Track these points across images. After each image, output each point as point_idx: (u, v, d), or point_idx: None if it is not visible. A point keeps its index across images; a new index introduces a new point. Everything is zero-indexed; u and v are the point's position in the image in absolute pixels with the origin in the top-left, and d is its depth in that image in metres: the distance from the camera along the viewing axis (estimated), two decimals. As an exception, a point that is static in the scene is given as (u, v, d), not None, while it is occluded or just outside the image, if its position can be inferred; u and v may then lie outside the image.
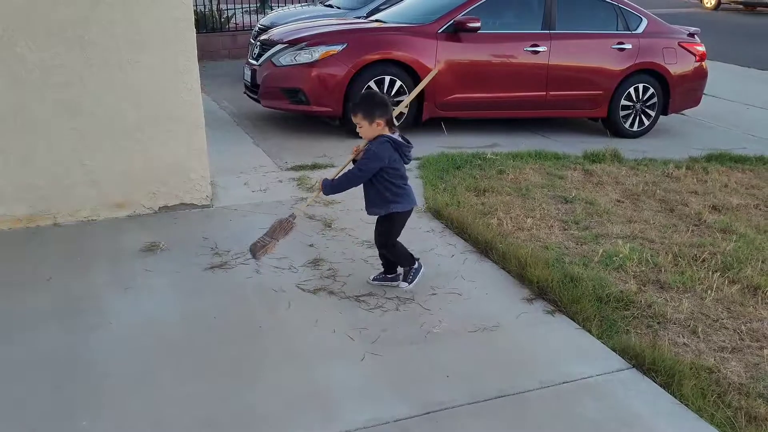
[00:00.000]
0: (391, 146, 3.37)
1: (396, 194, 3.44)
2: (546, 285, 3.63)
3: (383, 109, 3.37)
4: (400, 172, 3.44)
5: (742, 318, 3.52)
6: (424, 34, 6.77)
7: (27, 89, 4.14)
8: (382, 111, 3.36)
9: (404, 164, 3.47)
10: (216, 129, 6.52)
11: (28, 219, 4.34)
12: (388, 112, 3.38)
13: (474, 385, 2.87)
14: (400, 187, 3.45)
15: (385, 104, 3.40)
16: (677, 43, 7.55)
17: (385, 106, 3.39)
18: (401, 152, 3.40)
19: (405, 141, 3.44)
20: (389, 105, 3.43)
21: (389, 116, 3.39)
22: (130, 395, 2.76)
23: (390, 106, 3.43)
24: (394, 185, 3.43)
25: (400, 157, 3.41)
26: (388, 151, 3.36)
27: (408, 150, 3.43)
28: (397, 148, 3.38)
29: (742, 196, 5.45)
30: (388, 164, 3.37)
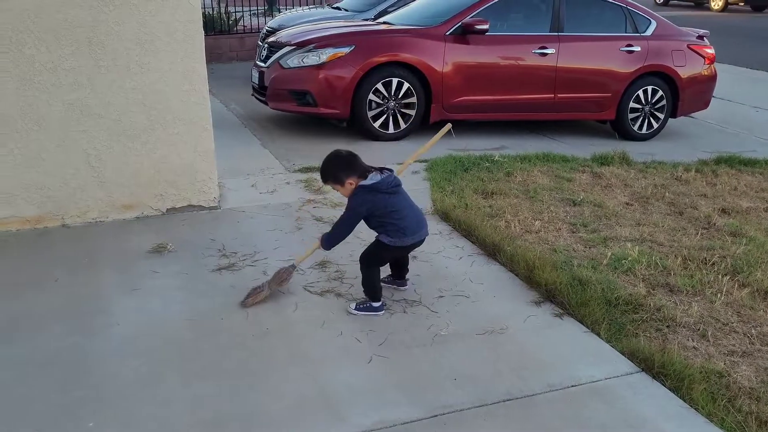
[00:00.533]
0: (367, 193, 3.22)
1: (386, 229, 3.30)
2: (554, 288, 3.61)
3: (349, 168, 3.23)
4: (387, 210, 3.25)
5: (752, 322, 3.49)
6: (432, 36, 6.76)
7: (35, 90, 4.15)
8: (349, 170, 3.23)
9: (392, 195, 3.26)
10: (224, 131, 6.53)
11: (36, 220, 4.35)
12: (355, 169, 3.23)
13: (481, 388, 2.85)
14: (390, 224, 3.28)
15: (348, 163, 3.24)
16: (686, 46, 7.52)
17: (349, 166, 3.23)
18: (378, 191, 3.22)
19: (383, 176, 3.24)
20: (355, 160, 3.25)
21: (360, 171, 3.23)
22: (136, 396, 2.76)
23: (355, 160, 3.25)
24: (385, 224, 3.29)
25: (383, 195, 3.23)
26: (366, 201, 3.22)
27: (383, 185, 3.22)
28: (373, 189, 3.22)
29: (752, 199, 5.42)
30: (370, 213, 3.26)
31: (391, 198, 3.27)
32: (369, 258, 3.42)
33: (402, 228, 3.30)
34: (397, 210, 3.28)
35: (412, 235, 3.34)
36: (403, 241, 3.33)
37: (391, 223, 3.29)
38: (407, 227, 3.31)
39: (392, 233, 3.31)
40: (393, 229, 3.30)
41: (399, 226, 3.29)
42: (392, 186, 3.27)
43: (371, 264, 3.41)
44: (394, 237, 3.32)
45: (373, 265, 3.42)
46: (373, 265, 3.42)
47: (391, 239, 3.32)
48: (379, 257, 3.43)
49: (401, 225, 3.29)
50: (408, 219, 3.31)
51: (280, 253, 4.04)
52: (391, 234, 3.32)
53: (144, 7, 4.21)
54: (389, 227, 3.30)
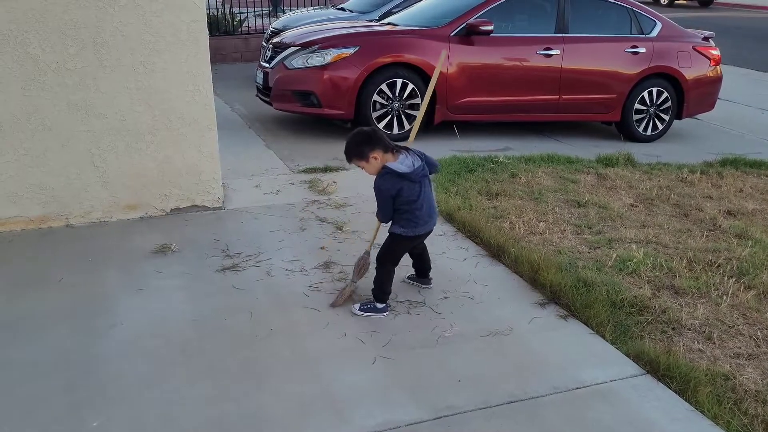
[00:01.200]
0: (394, 176, 3.21)
1: (401, 218, 3.31)
2: (559, 289, 3.60)
3: (372, 142, 3.21)
4: (406, 198, 3.25)
5: (758, 324, 3.47)
6: (437, 37, 6.75)
7: (40, 90, 4.15)
8: (372, 145, 3.20)
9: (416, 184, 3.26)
10: (228, 131, 6.54)
11: (40, 220, 4.35)
12: (379, 143, 3.21)
13: (486, 390, 2.84)
14: (407, 212, 3.28)
15: (370, 138, 3.23)
16: (692, 47, 7.49)
17: (370, 140, 3.22)
18: (407, 179, 3.22)
19: (413, 160, 3.25)
20: (376, 135, 3.24)
21: (383, 145, 3.21)
22: (141, 396, 2.76)
23: (377, 134, 3.24)
24: (400, 210, 3.30)
25: (410, 183, 3.24)
26: (391, 183, 3.21)
27: (413, 175, 3.22)
28: (403, 176, 3.22)
29: (758, 201, 5.40)
30: (396, 194, 3.25)
31: (416, 187, 3.27)
32: (385, 256, 3.42)
33: (416, 218, 3.31)
34: (417, 200, 3.28)
35: (423, 225, 3.36)
36: (415, 231, 3.34)
37: (408, 211, 3.30)
38: (420, 217, 3.32)
39: (405, 223, 3.33)
40: (407, 218, 3.31)
41: (414, 215, 3.30)
42: (421, 176, 3.28)
43: (387, 261, 3.42)
44: (406, 227, 3.33)
45: (389, 263, 3.42)
46: (389, 262, 3.42)
47: (404, 229, 3.34)
48: (396, 252, 3.44)
49: (417, 215, 3.30)
50: (423, 209, 3.32)
51: (284, 254, 4.03)
52: (404, 224, 3.33)
53: (149, 8, 4.21)
54: (404, 215, 3.31)
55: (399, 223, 3.35)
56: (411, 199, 3.27)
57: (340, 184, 5.24)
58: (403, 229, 3.34)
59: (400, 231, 3.35)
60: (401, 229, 3.35)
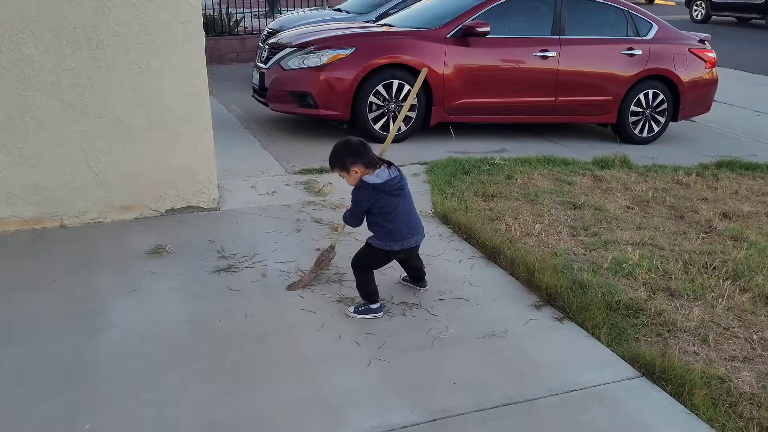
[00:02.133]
0: (369, 189, 3.21)
1: (376, 229, 3.31)
2: (554, 291, 3.59)
3: (355, 155, 3.21)
4: (386, 209, 3.24)
5: (753, 327, 3.47)
6: (433, 39, 6.75)
7: (35, 90, 4.13)
8: (355, 157, 3.20)
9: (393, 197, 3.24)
10: (224, 132, 6.52)
11: (34, 220, 4.33)
12: (361, 158, 3.20)
13: (481, 392, 2.84)
14: (383, 226, 3.27)
15: (355, 150, 3.22)
16: (688, 50, 7.50)
17: (356, 153, 3.21)
18: (381, 191, 3.21)
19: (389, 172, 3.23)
20: (362, 149, 3.23)
21: (365, 160, 3.20)
22: (134, 398, 2.74)
23: (364, 148, 3.23)
24: (377, 224, 3.29)
25: (385, 195, 3.22)
26: (367, 196, 3.22)
27: (387, 186, 3.20)
28: (377, 188, 3.20)
29: (753, 204, 5.40)
30: (371, 207, 3.24)
31: (391, 199, 3.24)
32: (358, 261, 3.42)
33: (389, 231, 3.28)
34: (390, 212, 3.25)
35: (400, 241, 3.30)
36: (391, 245, 3.30)
37: (381, 224, 3.28)
38: (395, 231, 3.28)
39: (380, 235, 3.31)
40: (381, 231, 3.29)
41: (387, 229, 3.27)
42: (396, 188, 3.25)
43: (361, 267, 3.40)
44: (381, 240, 3.31)
45: (363, 269, 3.40)
46: (363, 268, 3.40)
47: (378, 242, 3.32)
48: (368, 261, 3.40)
49: (389, 228, 3.27)
50: (399, 223, 3.28)
51: (279, 255, 4.02)
52: (379, 236, 3.31)
53: (144, 8, 4.20)
54: (378, 228, 3.30)
55: (375, 234, 3.34)
56: (385, 211, 3.25)
57: (335, 186, 5.23)
58: (378, 242, 3.32)
59: (375, 243, 3.33)
60: (376, 241, 3.33)
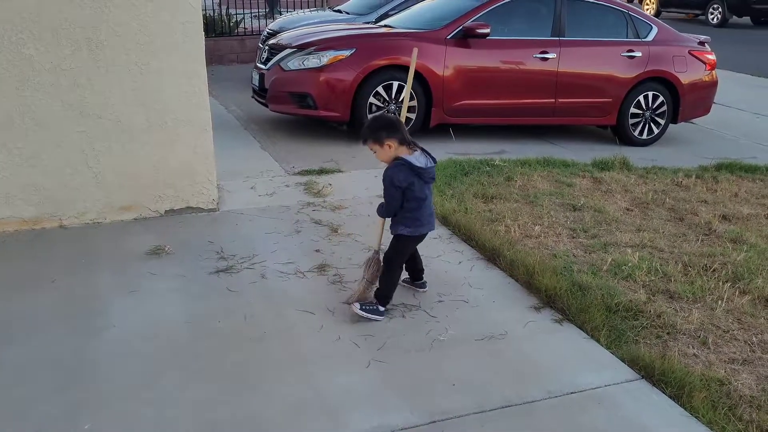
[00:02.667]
0: (408, 169, 3.21)
1: (405, 216, 3.32)
2: (554, 293, 3.59)
3: (390, 129, 3.21)
4: (416, 195, 3.26)
5: (753, 329, 3.47)
6: (433, 40, 6.74)
7: (34, 90, 4.13)
8: (390, 131, 3.20)
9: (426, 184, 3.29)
10: (223, 133, 6.51)
11: (34, 221, 4.33)
12: (397, 132, 3.21)
13: (480, 394, 2.83)
14: (411, 210, 3.29)
15: (391, 124, 3.24)
16: (687, 52, 7.50)
17: (391, 127, 3.22)
18: (420, 175, 3.23)
19: (426, 160, 3.26)
20: (397, 125, 3.24)
21: (400, 136, 3.21)
22: (133, 398, 2.74)
23: (400, 126, 3.24)
24: (404, 208, 3.30)
25: (419, 179, 3.24)
26: (404, 175, 3.21)
27: (426, 173, 3.24)
28: (416, 171, 3.22)
29: (753, 206, 5.40)
30: (407, 188, 3.25)
31: (424, 186, 3.29)
32: (394, 258, 3.42)
33: (419, 217, 3.33)
34: (423, 198, 3.31)
35: (427, 225, 3.38)
36: (420, 230, 3.37)
37: (415, 209, 3.31)
38: (423, 217, 3.35)
39: (410, 222, 3.34)
40: (411, 218, 3.33)
41: (420, 214, 3.33)
42: (431, 177, 3.30)
43: (396, 263, 3.42)
44: (411, 226, 3.34)
45: (397, 265, 3.43)
46: (397, 264, 3.43)
47: (410, 229, 3.35)
48: (402, 253, 3.43)
49: (422, 213, 3.33)
50: (427, 208, 3.36)
51: (279, 256, 4.02)
52: (409, 223, 3.34)
53: (144, 8, 4.20)
54: (410, 213, 3.32)
55: (404, 223, 3.35)
56: (420, 197, 3.29)
57: (335, 187, 5.23)
58: (408, 229, 3.35)
59: (406, 231, 3.36)
60: (407, 229, 3.36)
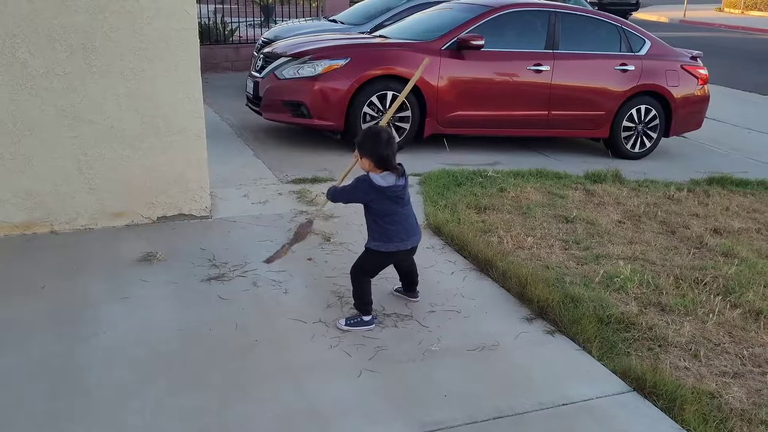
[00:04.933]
0: (369, 187, 3.21)
1: (375, 231, 3.31)
2: (546, 305, 3.59)
3: (370, 149, 3.21)
4: (384, 211, 3.26)
5: (744, 343, 3.48)
6: (428, 51, 6.75)
7: (28, 95, 4.11)
8: (369, 150, 3.21)
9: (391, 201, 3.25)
10: (217, 140, 6.51)
11: (25, 226, 4.30)
12: (375, 152, 3.20)
13: (472, 405, 2.82)
14: (381, 227, 3.28)
15: (371, 142, 3.22)
16: (680, 66, 7.56)
17: (372, 144, 3.21)
18: (381, 193, 3.22)
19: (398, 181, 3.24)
20: (382, 145, 3.20)
21: (377, 157, 3.20)
22: (122, 406, 2.72)
23: (385, 146, 3.20)
24: (375, 222, 3.31)
25: (380, 197, 3.23)
26: (363, 191, 3.24)
27: (389, 191, 3.21)
28: (377, 190, 3.21)
29: (744, 220, 5.43)
30: (366, 203, 3.28)
31: (389, 203, 3.26)
32: (357, 268, 3.42)
33: (387, 232, 3.29)
34: (388, 215, 3.28)
35: (398, 242, 3.32)
36: (388, 247, 3.32)
37: (379, 224, 3.29)
38: (392, 232, 3.30)
39: (377, 236, 3.32)
40: (379, 232, 3.31)
41: (385, 230, 3.29)
42: (396, 195, 3.27)
43: (359, 275, 3.40)
44: (378, 241, 3.32)
45: (361, 275, 3.40)
46: (361, 275, 3.40)
47: (377, 243, 3.32)
48: (366, 265, 3.41)
49: (387, 228, 3.29)
50: (397, 225, 3.30)
51: (271, 265, 4.00)
52: (377, 237, 3.32)
53: (139, 15, 4.20)
54: (376, 228, 3.31)
55: (372, 236, 3.35)
56: (384, 213, 3.27)
57: (328, 195, 5.22)
58: (375, 243, 3.33)
59: (373, 245, 3.34)
60: (374, 243, 3.34)
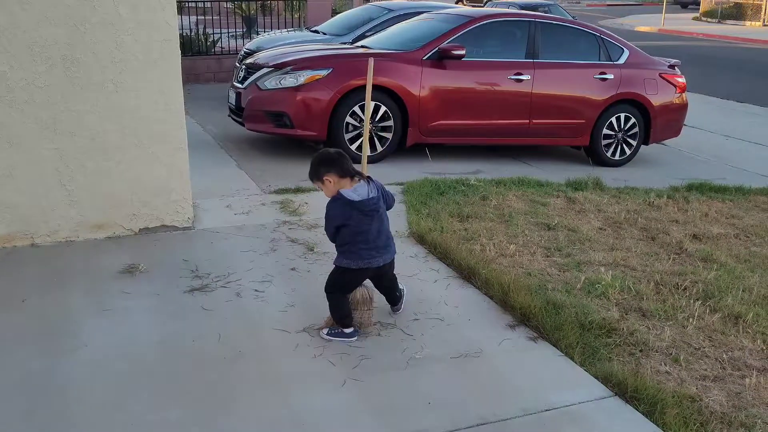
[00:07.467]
0: (344, 204, 3.18)
1: (344, 249, 3.27)
2: (529, 311, 3.61)
3: (327, 164, 3.19)
4: (352, 230, 3.21)
5: (723, 347, 3.52)
6: (409, 61, 6.81)
7: (7, 107, 4.09)
8: (327, 166, 3.19)
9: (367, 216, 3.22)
10: (199, 151, 6.50)
11: (4, 239, 4.26)
12: (333, 166, 3.18)
13: (456, 412, 2.84)
14: (353, 244, 3.23)
15: (327, 159, 3.21)
16: (658, 74, 7.66)
17: (327, 161, 3.20)
18: (358, 209, 3.19)
19: (368, 190, 3.22)
20: (334, 158, 3.20)
21: (338, 169, 3.18)
22: (104, 421, 2.70)
23: (339, 157, 3.21)
24: (344, 241, 3.26)
25: (360, 214, 3.20)
26: (340, 211, 3.19)
27: (364, 205, 3.19)
28: (353, 205, 3.18)
29: (723, 226, 5.50)
30: (343, 225, 3.23)
31: (365, 219, 3.22)
32: (328, 284, 3.37)
33: (359, 250, 3.25)
34: (361, 232, 3.23)
35: (369, 259, 3.27)
36: (357, 263, 3.26)
37: (349, 242, 3.25)
38: (362, 250, 3.25)
39: (348, 254, 3.27)
40: (350, 250, 3.26)
41: (355, 247, 3.25)
42: (371, 209, 3.23)
43: (334, 290, 3.36)
44: (347, 258, 3.27)
45: (334, 292, 3.35)
46: (336, 290, 3.35)
47: (347, 261, 3.28)
48: (338, 283, 3.35)
49: (360, 247, 3.25)
50: (369, 242, 3.26)
51: (254, 275, 4.00)
52: (347, 255, 3.27)
53: (120, 26, 4.19)
54: (345, 246, 3.27)
55: (343, 254, 3.30)
56: (357, 230, 3.22)
57: (311, 205, 5.23)
58: (346, 261, 3.28)
59: (341, 262, 3.30)
60: (342, 260, 3.29)
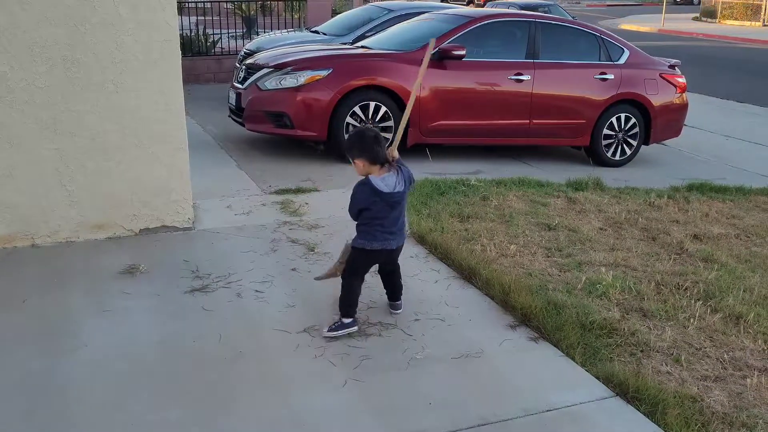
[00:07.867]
0: (370, 190, 3.24)
1: (362, 230, 3.35)
2: (529, 312, 3.61)
3: (360, 149, 3.24)
4: (376, 215, 3.28)
5: (724, 347, 3.52)
6: (410, 61, 6.80)
7: (8, 108, 4.09)
8: (360, 151, 3.23)
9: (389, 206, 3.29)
10: (200, 152, 6.49)
11: (5, 239, 4.26)
12: (365, 153, 3.23)
13: (456, 413, 2.83)
14: (371, 226, 3.31)
15: (362, 143, 3.25)
16: (658, 75, 7.65)
17: (362, 145, 3.24)
18: (383, 198, 3.25)
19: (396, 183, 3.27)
20: (368, 144, 3.24)
21: (370, 156, 3.22)
22: (104, 421, 2.69)
23: (374, 143, 3.24)
24: (363, 224, 3.34)
25: (382, 203, 3.26)
26: (365, 196, 3.26)
27: (389, 197, 3.25)
28: (379, 194, 3.24)
29: (723, 226, 5.49)
30: (366, 208, 3.28)
31: (386, 208, 3.29)
32: (347, 268, 3.44)
33: (374, 231, 3.33)
34: (382, 218, 3.31)
35: (382, 241, 3.35)
36: (371, 244, 3.35)
37: (367, 224, 3.33)
38: (377, 232, 3.33)
39: (363, 234, 3.36)
40: (364, 230, 3.35)
41: (373, 229, 3.33)
42: (395, 201, 3.30)
43: (349, 271, 3.43)
44: (363, 239, 3.35)
45: (351, 275, 3.42)
46: (351, 273, 3.42)
47: (360, 241, 3.36)
48: (353, 264, 3.43)
49: (377, 229, 3.33)
50: (385, 226, 3.34)
51: (255, 275, 4.00)
52: (362, 236, 3.36)
53: (121, 27, 4.19)
54: (363, 227, 3.35)
55: (358, 234, 3.39)
56: (378, 216, 3.31)
57: (312, 206, 5.23)
58: (360, 241, 3.37)
59: (356, 242, 3.39)
60: (357, 241, 3.38)
